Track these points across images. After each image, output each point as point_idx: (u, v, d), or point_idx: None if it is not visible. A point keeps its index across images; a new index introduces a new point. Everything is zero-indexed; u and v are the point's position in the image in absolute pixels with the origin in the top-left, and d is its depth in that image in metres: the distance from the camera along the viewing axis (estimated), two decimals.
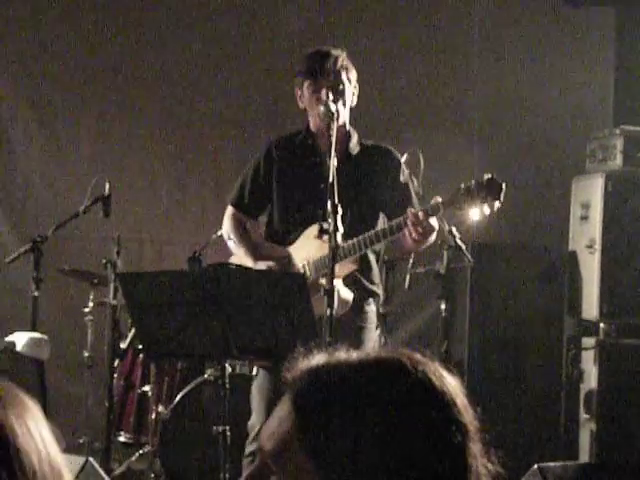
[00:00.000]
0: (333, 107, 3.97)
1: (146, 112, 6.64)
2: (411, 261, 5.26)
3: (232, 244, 4.35)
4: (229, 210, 4.41)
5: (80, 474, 3.19)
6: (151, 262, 6.51)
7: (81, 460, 3.33)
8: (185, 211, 6.66)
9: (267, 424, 1.34)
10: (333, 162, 3.79)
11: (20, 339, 4.93)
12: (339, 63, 4.14)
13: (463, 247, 4.79)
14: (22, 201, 6.57)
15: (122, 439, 5.45)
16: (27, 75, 6.58)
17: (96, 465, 3.43)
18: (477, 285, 6.04)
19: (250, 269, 4.11)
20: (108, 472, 4.57)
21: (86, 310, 5.71)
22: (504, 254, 6.16)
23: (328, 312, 3.67)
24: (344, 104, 4.13)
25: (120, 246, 5.19)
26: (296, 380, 1.33)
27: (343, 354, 1.34)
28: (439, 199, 3.91)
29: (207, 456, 4.74)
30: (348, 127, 4.24)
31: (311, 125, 4.26)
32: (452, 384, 1.32)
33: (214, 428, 3.81)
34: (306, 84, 4.16)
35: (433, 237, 4.11)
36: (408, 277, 5.28)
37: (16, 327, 5.16)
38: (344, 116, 4.15)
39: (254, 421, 4.17)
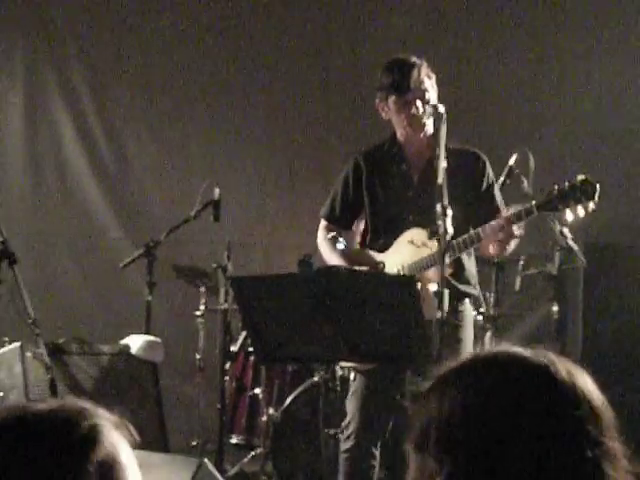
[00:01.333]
0: (442, 108, 3.94)
1: (255, 117, 6.71)
2: (522, 263, 5.19)
3: (325, 255, 4.43)
4: (322, 223, 4.51)
5: (196, 475, 3.23)
6: (260, 266, 6.57)
7: (196, 461, 3.36)
8: (294, 215, 6.70)
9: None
10: (442, 164, 3.78)
11: (135, 342, 5.02)
12: (423, 72, 4.15)
13: (575, 248, 4.70)
14: (135, 207, 6.70)
15: (234, 441, 5.50)
16: (139, 84, 6.72)
17: (211, 466, 3.46)
18: (590, 286, 5.93)
19: (361, 271, 4.11)
20: (221, 473, 4.62)
21: (197, 313, 5.78)
22: (617, 255, 6.02)
23: (438, 314, 3.66)
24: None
25: (230, 250, 5.24)
26: (425, 397, 1.32)
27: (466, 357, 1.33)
28: (533, 202, 3.86)
29: (318, 458, 4.76)
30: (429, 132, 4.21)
31: (398, 135, 4.27)
32: (588, 383, 1.31)
33: (325, 431, 3.81)
34: (393, 98, 4.17)
35: (512, 245, 4.06)
36: (519, 279, 5.20)
37: (130, 330, 5.26)
38: (430, 124, 4.13)
39: (348, 420, 4.17)
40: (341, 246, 4.11)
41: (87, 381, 4.83)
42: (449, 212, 3.72)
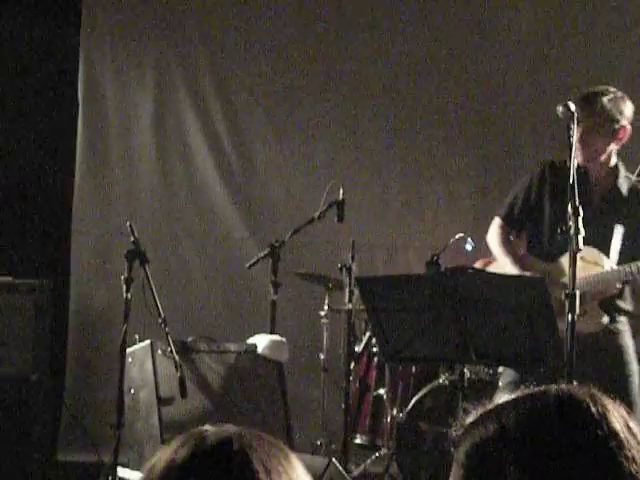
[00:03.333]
0: (573, 107, 3.87)
1: (380, 117, 6.70)
2: None
3: (498, 254, 4.50)
4: (498, 222, 4.56)
5: (325, 474, 3.25)
6: (384, 266, 6.57)
7: (324, 461, 3.39)
8: (417, 216, 6.68)
9: None
10: (574, 163, 3.74)
11: (261, 342, 5.07)
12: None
13: None
14: (260, 207, 6.78)
15: (358, 441, 5.51)
16: (263, 86, 6.80)
17: (339, 466, 3.49)
18: None
19: (488, 273, 4.08)
20: (346, 473, 4.63)
21: (322, 314, 5.81)
22: None
23: (569, 317, 3.61)
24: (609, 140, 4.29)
25: (354, 251, 5.24)
26: (461, 439, 1.33)
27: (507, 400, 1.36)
28: None
29: (443, 460, 4.73)
30: (614, 162, 4.37)
31: (580, 160, 4.31)
32: (609, 405, 1.32)
33: (451, 432, 3.77)
34: (628, 128, 4.29)
35: None
36: None
37: (256, 330, 5.32)
38: (608, 151, 4.30)
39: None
40: (469, 247, 4.08)
41: (215, 379, 4.90)
42: (581, 212, 3.69)
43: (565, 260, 4.19)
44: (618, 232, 4.27)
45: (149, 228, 6.28)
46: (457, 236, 4.21)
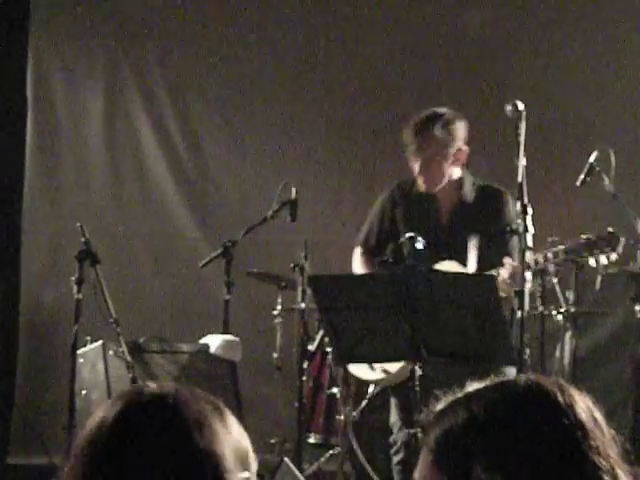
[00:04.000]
0: (521, 106, 3.91)
1: (331, 116, 6.72)
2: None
3: None
4: (358, 251, 4.72)
5: (277, 473, 3.25)
6: (337, 265, 6.57)
7: (276, 460, 3.39)
8: None
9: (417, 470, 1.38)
10: (522, 162, 3.79)
11: (214, 341, 5.07)
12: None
13: None
14: (213, 207, 6.76)
15: (312, 440, 5.51)
16: (217, 85, 6.78)
17: (291, 465, 3.49)
18: None
19: (440, 271, 4.11)
20: (299, 472, 4.64)
21: (275, 313, 5.81)
22: None
23: (519, 314, 3.67)
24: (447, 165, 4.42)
25: (307, 250, 5.25)
26: (431, 425, 1.36)
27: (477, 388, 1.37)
28: (561, 247, 4.08)
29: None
30: (460, 175, 4.48)
31: (425, 188, 4.48)
32: (576, 395, 1.34)
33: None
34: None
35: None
36: (599, 278, 5.12)
37: (209, 330, 5.31)
38: (449, 174, 4.44)
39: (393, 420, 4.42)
40: (420, 246, 4.11)
41: (167, 379, 4.88)
42: (529, 210, 3.75)
43: None
44: (472, 243, 4.36)
45: (100, 228, 6.23)
46: (407, 235, 4.22)
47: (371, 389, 5.12)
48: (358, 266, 4.69)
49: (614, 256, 4.07)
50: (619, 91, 6.52)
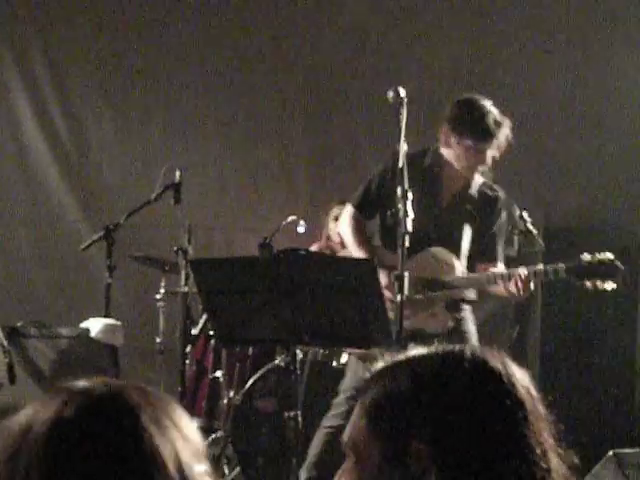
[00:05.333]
0: (403, 92, 3.94)
1: (216, 101, 6.69)
2: None
3: (351, 244, 4.51)
4: (350, 210, 4.56)
5: None
6: (221, 249, 6.56)
7: None
8: (254, 198, 6.70)
9: (349, 423, 1.37)
10: (403, 148, 3.83)
11: (94, 325, 4.99)
12: (497, 122, 4.30)
13: (534, 232, 4.75)
14: (95, 190, 6.67)
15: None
16: (99, 67, 6.67)
17: None
18: None
19: (318, 254, 4.13)
20: None
21: (158, 297, 5.76)
22: (576, 238, 6.07)
23: (399, 298, 3.71)
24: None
25: (191, 233, 5.23)
26: (368, 385, 1.36)
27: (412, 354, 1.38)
28: (562, 265, 4.09)
29: (278, 441, 4.77)
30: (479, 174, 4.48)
31: (448, 157, 4.39)
32: (517, 373, 1.36)
33: (285, 413, 3.82)
34: (468, 142, 4.30)
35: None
36: None
37: (90, 314, 5.23)
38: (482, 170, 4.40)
39: (340, 400, 4.36)
40: (302, 230, 4.12)
41: (46, 364, 4.80)
42: (409, 195, 3.78)
43: (421, 258, 4.30)
44: (467, 233, 4.38)
45: None
46: (290, 219, 4.23)
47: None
48: (347, 226, 4.55)
49: (612, 286, 4.05)
50: (502, 79, 6.66)
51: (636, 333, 6.08)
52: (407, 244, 3.99)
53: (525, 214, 4.68)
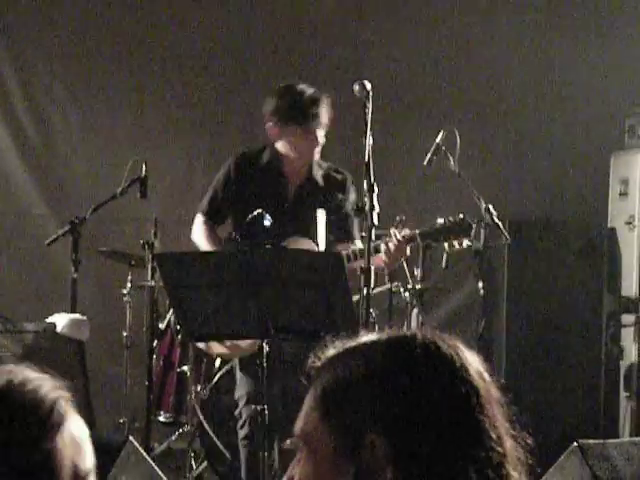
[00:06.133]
0: (368, 86, 3.96)
1: (183, 94, 6.66)
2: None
3: (207, 249, 4.64)
4: (200, 219, 4.74)
5: (121, 453, 3.22)
6: (188, 243, 6.52)
7: (121, 439, 3.36)
8: None
9: (301, 412, 1.35)
10: (369, 141, 3.85)
11: (60, 320, 4.96)
12: (324, 107, 4.47)
13: (500, 225, 4.78)
14: (60, 183, 6.62)
15: (162, 419, 5.49)
16: (64, 59, 6.61)
17: (136, 444, 3.45)
18: (514, 263, 6.01)
19: (286, 248, 4.13)
20: (148, 451, 4.60)
21: (124, 291, 5.73)
22: (542, 231, 6.11)
23: (365, 291, 3.73)
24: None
25: (157, 227, 5.21)
26: (318, 373, 1.34)
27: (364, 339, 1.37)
28: (417, 231, 4.23)
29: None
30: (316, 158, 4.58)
31: (283, 150, 4.53)
32: (469, 357, 1.35)
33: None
34: (295, 128, 4.44)
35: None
36: (445, 255, 5.25)
37: (56, 308, 5.20)
38: (318, 152, 4.51)
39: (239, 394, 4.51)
40: (267, 223, 4.13)
41: (11, 360, 4.76)
42: (375, 189, 3.80)
43: None
44: (321, 217, 4.47)
45: None
46: (255, 212, 4.23)
47: (218, 364, 5.13)
48: (199, 234, 4.73)
49: (467, 242, 4.24)
50: (465, 74, 6.69)
51: (601, 326, 6.13)
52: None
53: (491, 207, 4.72)
